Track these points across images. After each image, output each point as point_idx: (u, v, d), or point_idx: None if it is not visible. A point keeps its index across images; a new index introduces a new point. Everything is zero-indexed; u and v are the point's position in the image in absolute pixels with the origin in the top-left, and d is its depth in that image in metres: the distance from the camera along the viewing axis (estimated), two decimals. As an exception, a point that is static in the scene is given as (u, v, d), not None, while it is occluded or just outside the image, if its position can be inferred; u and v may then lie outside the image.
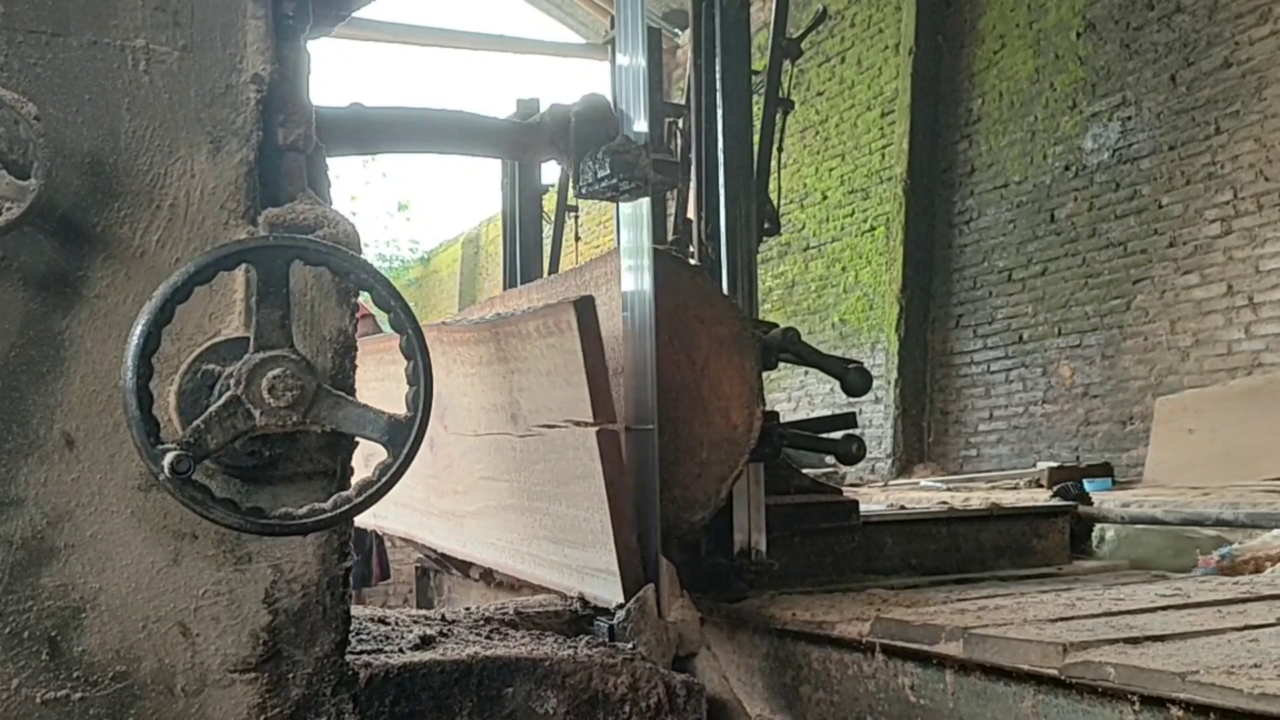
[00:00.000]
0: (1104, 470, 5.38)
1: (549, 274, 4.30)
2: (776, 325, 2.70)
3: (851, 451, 2.71)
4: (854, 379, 2.68)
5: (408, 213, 21.15)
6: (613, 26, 3.31)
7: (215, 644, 1.31)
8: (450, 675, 1.50)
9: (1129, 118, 6.61)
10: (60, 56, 1.26)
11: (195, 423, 1.20)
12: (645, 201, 2.04)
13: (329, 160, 1.53)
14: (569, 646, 1.70)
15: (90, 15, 1.28)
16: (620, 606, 1.81)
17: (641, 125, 1.99)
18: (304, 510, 1.23)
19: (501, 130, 1.94)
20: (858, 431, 2.88)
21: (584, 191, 1.94)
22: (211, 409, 1.21)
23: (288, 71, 1.38)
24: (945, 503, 3.69)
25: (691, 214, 3.14)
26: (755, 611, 2.32)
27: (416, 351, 1.27)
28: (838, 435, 2.78)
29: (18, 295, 1.23)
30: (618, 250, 2.17)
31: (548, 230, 4.68)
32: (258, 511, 1.22)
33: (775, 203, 3.38)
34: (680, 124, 3.44)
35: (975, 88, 7.67)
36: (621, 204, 2.06)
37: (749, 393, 2.28)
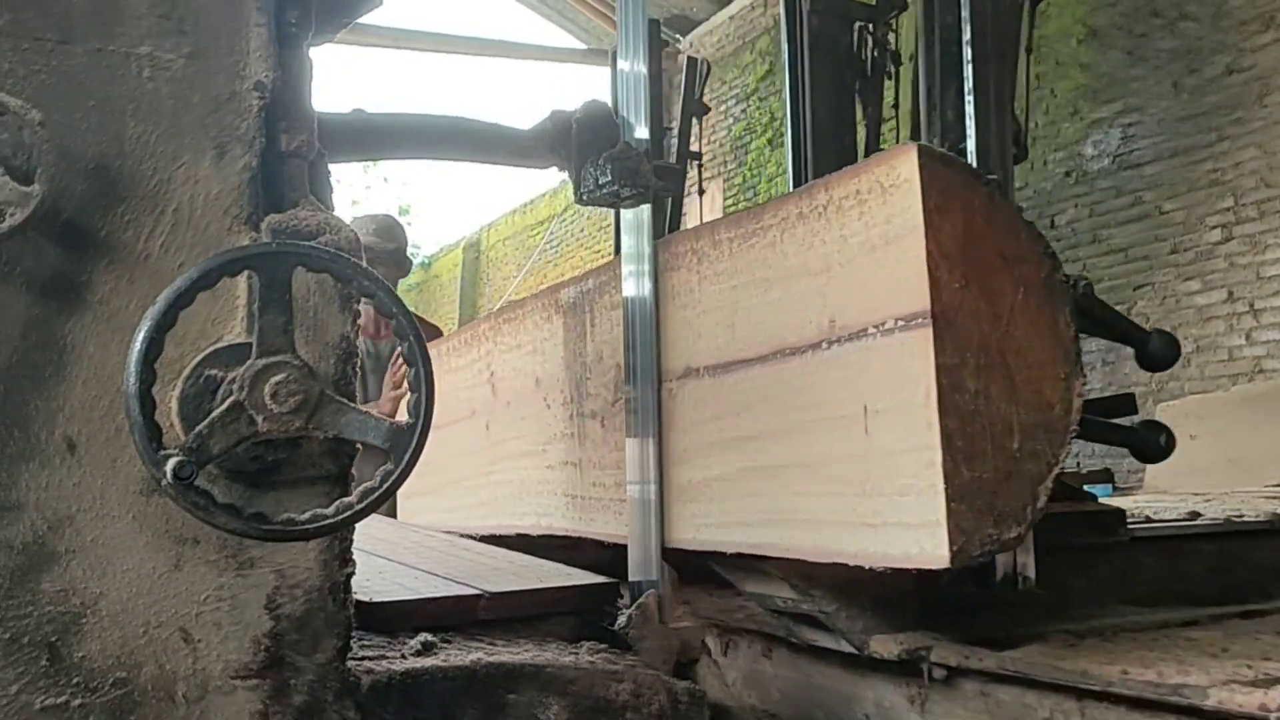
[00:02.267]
0: (1104, 476, 5.38)
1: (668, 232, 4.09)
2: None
3: (1159, 443, 2.13)
4: (1158, 347, 2.11)
5: (409, 217, 21.24)
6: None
7: (217, 650, 1.31)
8: (454, 682, 1.50)
9: (1131, 124, 6.62)
10: (65, 63, 1.26)
11: (198, 428, 1.20)
12: (646, 208, 2.05)
13: (331, 166, 1.53)
14: (571, 653, 1.70)
15: (96, 23, 1.28)
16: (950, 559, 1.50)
17: (643, 131, 1.99)
18: (307, 516, 1.23)
19: (502, 136, 1.95)
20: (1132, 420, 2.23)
21: (585, 198, 1.95)
22: (214, 414, 1.21)
23: (290, 78, 1.38)
24: (1196, 512, 2.81)
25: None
26: (1049, 663, 1.64)
27: (418, 359, 1.27)
28: (1130, 423, 2.20)
29: (20, 300, 1.24)
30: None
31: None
32: (260, 517, 1.22)
33: (1023, 122, 2.79)
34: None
35: (976, 94, 7.67)
36: (623, 210, 2.07)
37: (1065, 359, 1.68)
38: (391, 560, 2.22)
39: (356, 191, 20.35)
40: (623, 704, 1.61)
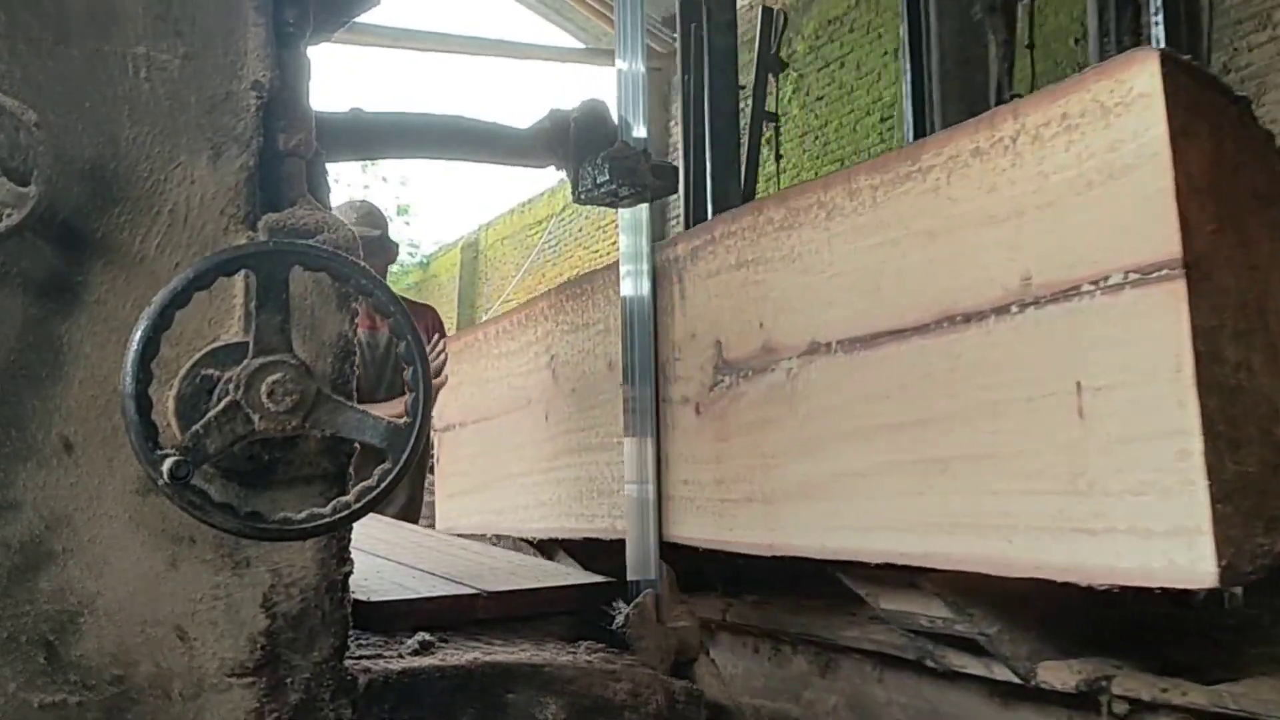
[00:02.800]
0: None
1: (744, 201, 3.86)
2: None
3: None
4: None
5: (407, 217, 21.21)
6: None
7: (213, 648, 1.31)
8: (451, 681, 1.50)
9: (1128, 123, 6.62)
10: (62, 64, 1.26)
11: (194, 427, 1.20)
12: (644, 207, 2.05)
13: (328, 165, 1.53)
14: (569, 652, 1.70)
15: (92, 24, 1.28)
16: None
17: (641, 131, 1.99)
18: (303, 515, 1.23)
19: (500, 135, 1.95)
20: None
21: (583, 197, 1.95)
22: (211, 414, 1.21)
23: (288, 77, 1.38)
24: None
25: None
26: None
27: (415, 358, 1.27)
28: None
29: (17, 300, 1.24)
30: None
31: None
32: (256, 516, 1.22)
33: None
34: None
35: (975, 93, 7.67)
36: (621, 209, 2.07)
37: None
38: (390, 559, 2.22)
39: (355, 191, 20.32)
40: (620, 703, 1.61)
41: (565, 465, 2.55)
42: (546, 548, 2.78)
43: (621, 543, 2.14)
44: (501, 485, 2.88)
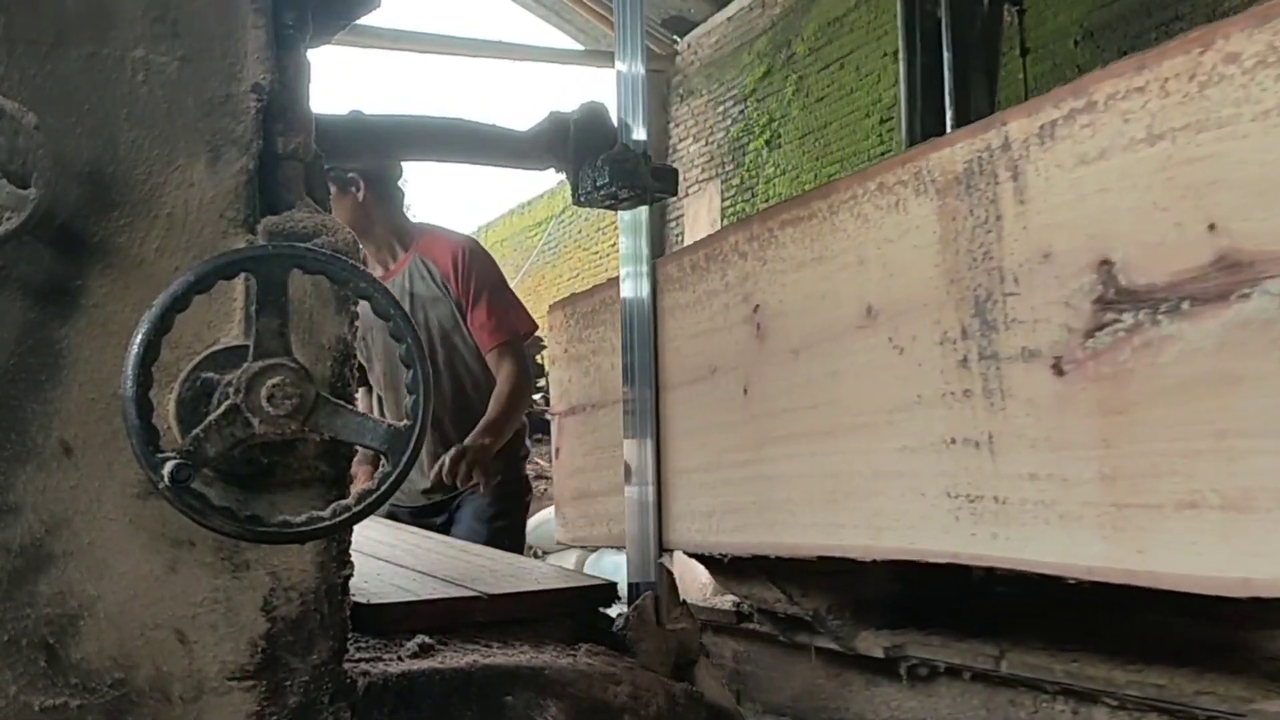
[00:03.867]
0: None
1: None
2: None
3: None
4: None
5: (407, 218, 21.17)
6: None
7: (212, 651, 1.31)
8: (450, 684, 1.50)
9: (1128, 124, 6.61)
10: (60, 67, 1.26)
11: (195, 431, 1.20)
12: (644, 209, 2.05)
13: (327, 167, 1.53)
14: (569, 655, 1.70)
15: (90, 27, 1.28)
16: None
17: (641, 133, 1.99)
18: (302, 518, 1.24)
19: (500, 138, 1.95)
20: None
21: (582, 199, 1.95)
22: (211, 417, 1.21)
23: (288, 80, 1.38)
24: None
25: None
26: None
27: (415, 360, 1.27)
28: None
29: (16, 304, 1.24)
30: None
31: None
32: (255, 519, 1.22)
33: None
34: None
35: (974, 94, 7.67)
36: (621, 212, 2.07)
37: None
38: (389, 562, 2.22)
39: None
40: (621, 706, 1.61)
41: (783, 456, 1.82)
42: (744, 571, 2.08)
43: (905, 569, 1.63)
44: (666, 484, 2.14)
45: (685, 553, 2.04)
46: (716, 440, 1.97)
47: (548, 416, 2.75)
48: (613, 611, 1.91)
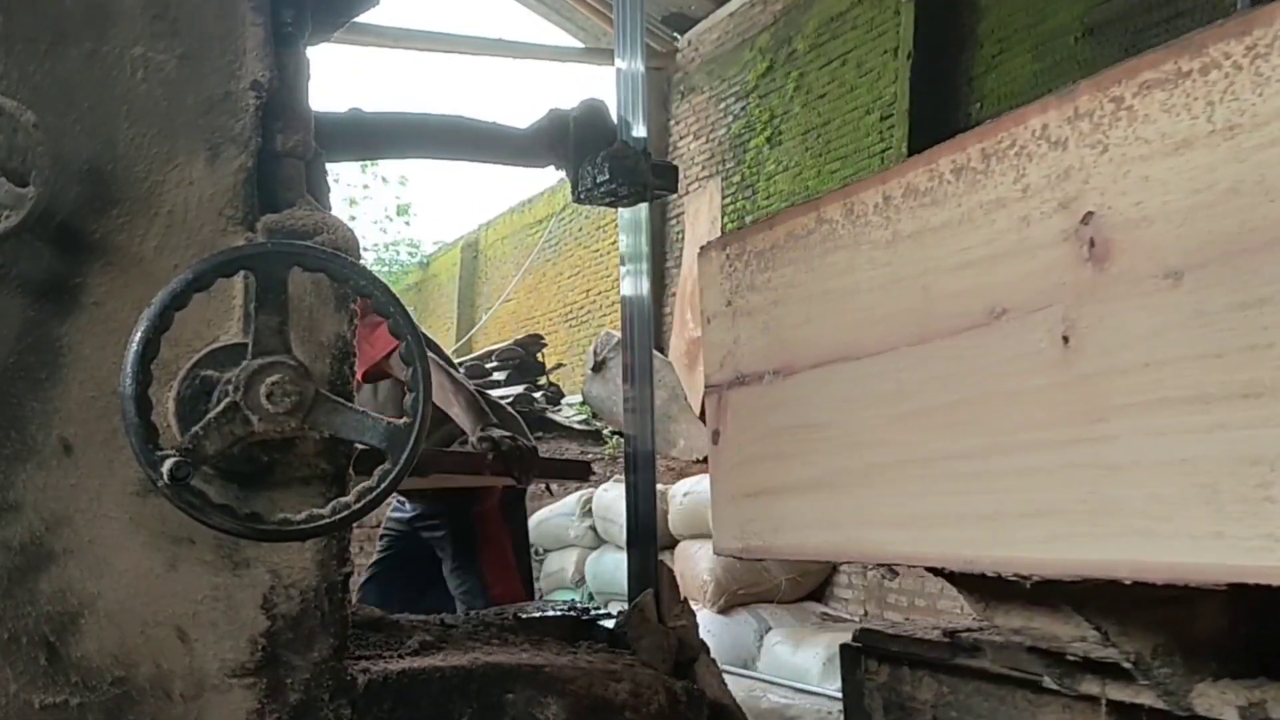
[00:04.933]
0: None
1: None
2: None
3: None
4: None
5: (407, 217, 21.20)
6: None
7: (213, 649, 1.31)
8: (450, 681, 1.50)
9: (1129, 121, 6.60)
10: (59, 65, 1.26)
11: (194, 429, 1.20)
12: (644, 207, 2.04)
13: (327, 165, 1.53)
14: (569, 652, 1.70)
15: (89, 25, 1.28)
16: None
17: (640, 130, 1.99)
18: (302, 516, 1.24)
19: (499, 135, 1.95)
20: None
21: (582, 197, 1.95)
22: (210, 415, 1.21)
23: (287, 78, 1.38)
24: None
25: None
26: None
27: (415, 358, 1.27)
28: None
29: (16, 302, 1.24)
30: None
31: None
32: (255, 517, 1.22)
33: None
34: None
35: (974, 92, 7.68)
36: (621, 210, 2.06)
37: None
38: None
39: (355, 191, 20.33)
40: (621, 703, 1.61)
41: (1143, 433, 1.16)
42: (1030, 596, 1.40)
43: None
44: (904, 477, 1.44)
45: (928, 569, 1.47)
46: (1002, 413, 1.33)
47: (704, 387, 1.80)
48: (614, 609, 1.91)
